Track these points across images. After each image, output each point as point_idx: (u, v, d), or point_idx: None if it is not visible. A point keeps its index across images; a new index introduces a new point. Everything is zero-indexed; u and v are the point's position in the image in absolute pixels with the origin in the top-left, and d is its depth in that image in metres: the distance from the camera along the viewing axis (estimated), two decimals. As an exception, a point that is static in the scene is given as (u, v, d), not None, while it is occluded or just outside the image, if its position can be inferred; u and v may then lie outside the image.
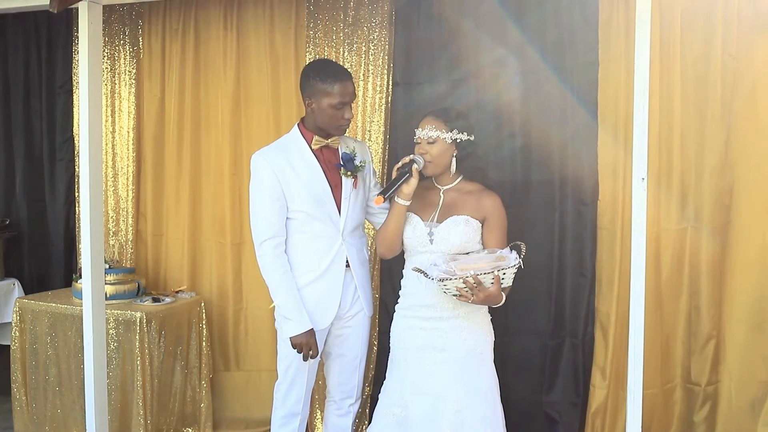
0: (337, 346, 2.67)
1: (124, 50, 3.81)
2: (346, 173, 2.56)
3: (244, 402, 3.73)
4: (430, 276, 2.24)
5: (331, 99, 2.47)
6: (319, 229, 2.53)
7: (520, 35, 3.08)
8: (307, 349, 2.49)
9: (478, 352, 2.41)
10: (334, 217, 2.55)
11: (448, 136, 2.39)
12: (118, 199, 3.86)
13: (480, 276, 2.21)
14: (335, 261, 2.55)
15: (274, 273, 2.51)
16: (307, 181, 2.52)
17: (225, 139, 3.67)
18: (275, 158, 2.52)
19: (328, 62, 2.73)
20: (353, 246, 2.60)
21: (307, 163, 2.54)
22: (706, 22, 2.85)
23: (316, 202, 2.52)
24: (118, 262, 3.78)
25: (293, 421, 2.64)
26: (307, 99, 2.53)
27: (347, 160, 2.56)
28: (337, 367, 2.69)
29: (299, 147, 2.56)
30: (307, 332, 2.49)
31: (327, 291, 2.56)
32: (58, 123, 3.99)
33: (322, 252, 2.54)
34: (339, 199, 2.55)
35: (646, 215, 2.34)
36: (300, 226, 2.53)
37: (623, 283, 2.85)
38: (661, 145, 2.93)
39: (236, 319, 3.71)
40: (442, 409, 2.36)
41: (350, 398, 2.71)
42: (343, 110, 2.49)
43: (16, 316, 3.48)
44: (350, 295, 2.61)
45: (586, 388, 3.13)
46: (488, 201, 2.41)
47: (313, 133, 2.56)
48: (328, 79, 2.47)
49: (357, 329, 2.65)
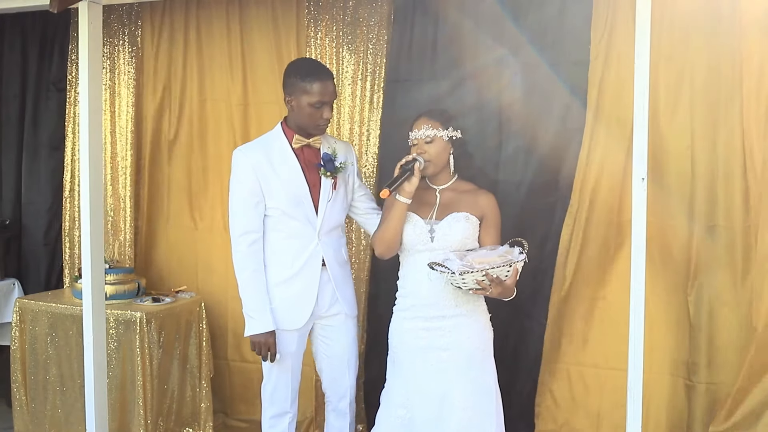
0: (323, 346, 2.68)
1: (124, 50, 3.81)
2: (326, 173, 2.56)
3: (244, 402, 3.74)
4: (450, 269, 2.23)
5: (310, 98, 2.47)
6: (294, 228, 2.54)
7: (518, 34, 3.08)
8: (265, 349, 2.52)
9: (481, 350, 2.42)
10: (310, 216, 2.55)
11: (444, 134, 2.41)
12: (118, 199, 3.86)
13: (498, 269, 2.23)
14: (310, 260, 2.55)
15: (245, 270, 2.52)
16: (285, 179, 2.52)
17: (225, 139, 3.67)
18: (254, 155, 2.53)
19: (309, 61, 2.74)
20: (330, 246, 2.59)
21: (287, 161, 2.55)
22: (706, 21, 2.85)
23: (292, 200, 2.52)
24: (118, 262, 3.78)
25: (282, 421, 2.65)
26: (287, 96, 2.54)
27: (327, 161, 2.56)
28: (327, 368, 2.70)
29: (280, 145, 2.57)
30: (266, 333, 2.51)
31: (302, 290, 2.56)
32: (52, 121, 3.98)
33: (297, 251, 2.55)
34: (317, 199, 2.56)
35: (646, 215, 2.34)
36: (276, 223, 2.54)
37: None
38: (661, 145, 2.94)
39: (236, 319, 3.71)
40: (448, 408, 2.37)
41: (344, 398, 2.71)
42: (322, 109, 2.49)
43: (16, 316, 3.48)
44: (328, 295, 2.60)
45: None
46: (485, 199, 2.44)
47: (294, 131, 2.57)
48: (307, 78, 2.47)
49: (340, 329, 2.65)
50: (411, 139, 2.45)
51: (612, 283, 3.06)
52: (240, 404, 3.75)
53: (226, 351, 3.75)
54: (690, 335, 2.98)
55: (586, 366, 3.15)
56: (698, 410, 2.97)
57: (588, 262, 3.08)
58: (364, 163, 3.37)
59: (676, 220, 2.95)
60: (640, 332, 2.36)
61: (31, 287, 4.00)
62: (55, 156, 3.99)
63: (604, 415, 3.12)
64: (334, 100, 2.54)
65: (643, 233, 2.33)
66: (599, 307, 3.11)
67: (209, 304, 3.65)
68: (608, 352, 3.07)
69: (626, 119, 2.95)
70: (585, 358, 3.15)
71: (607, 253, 3.07)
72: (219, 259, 3.73)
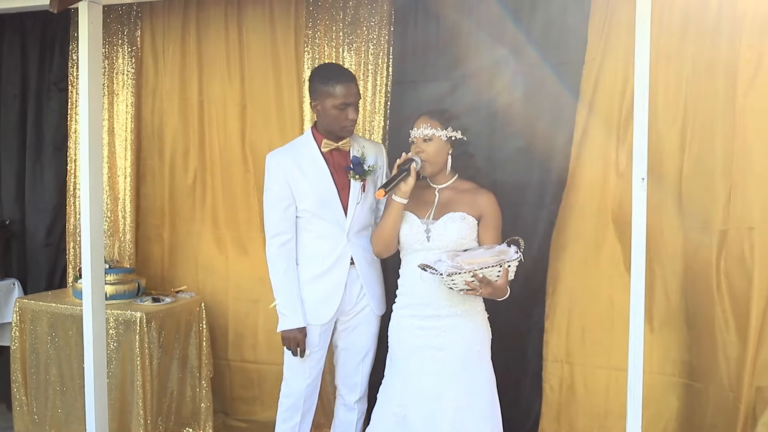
0: (342, 339, 2.74)
1: (123, 50, 3.81)
2: (354, 177, 2.62)
3: (244, 402, 3.73)
4: (438, 271, 2.25)
5: (334, 100, 2.54)
6: (324, 229, 2.62)
7: (519, 35, 3.08)
8: (294, 344, 2.59)
9: (476, 350, 2.43)
10: (340, 218, 2.61)
11: (443, 134, 2.43)
12: (117, 199, 3.86)
13: (487, 269, 2.24)
14: (339, 260, 2.63)
15: (277, 270, 2.62)
16: (314, 182, 2.59)
17: (225, 139, 3.67)
18: (284, 159, 2.62)
19: (331, 65, 2.82)
20: (359, 246, 2.66)
21: (316, 165, 2.62)
22: (706, 21, 2.85)
23: (321, 203, 2.59)
24: (118, 262, 3.77)
25: (295, 416, 2.70)
26: (313, 102, 2.62)
27: (356, 164, 2.62)
28: (342, 360, 2.77)
29: (309, 149, 2.64)
30: (297, 329, 2.59)
31: (330, 287, 2.63)
32: (54, 121, 3.98)
33: (327, 251, 2.63)
34: (346, 201, 2.62)
35: (646, 215, 2.34)
36: (306, 224, 2.63)
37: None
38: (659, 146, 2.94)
39: (236, 318, 3.71)
40: (442, 407, 2.38)
41: (354, 394, 2.77)
42: (347, 111, 2.56)
43: (16, 316, 3.48)
44: (356, 291, 2.67)
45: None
46: (484, 199, 2.45)
47: (323, 136, 2.64)
48: (329, 81, 2.54)
49: (362, 323, 2.71)
50: (411, 137, 2.48)
51: (611, 282, 3.06)
52: (240, 404, 3.75)
53: (226, 351, 3.75)
54: (688, 335, 2.98)
55: (587, 366, 3.14)
56: (698, 411, 2.97)
57: (582, 259, 3.09)
58: (365, 164, 3.37)
59: (673, 219, 2.96)
60: (640, 332, 2.35)
61: (35, 287, 3.99)
62: (57, 156, 3.99)
63: (605, 415, 3.12)
64: (358, 101, 2.61)
65: (643, 233, 2.33)
66: (599, 307, 3.11)
67: (209, 304, 3.66)
68: (608, 351, 3.07)
69: (621, 119, 2.97)
70: (586, 357, 3.14)
71: (601, 251, 3.07)
72: (219, 259, 3.73)
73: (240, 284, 3.70)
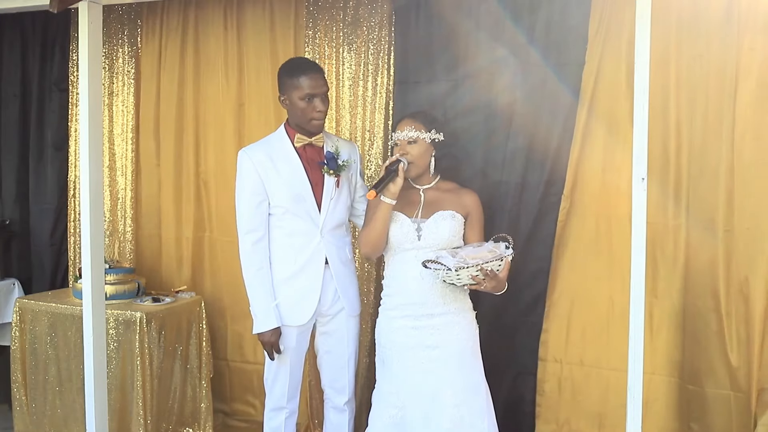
0: (323, 343, 2.72)
1: (122, 50, 3.81)
2: (329, 171, 2.59)
3: (244, 402, 3.73)
4: (446, 266, 2.26)
5: (300, 92, 2.51)
6: (297, 226, 2.58)
7: (519, 35, 3.08)
8: (269, 347, 2.56)
9: (469, 346, 2.46)
10: (313, 214, 2.58)
11: (427, 136, 2.46)
12: (117, 199, 3.86)
13: (492, 263, 2.27)
14: (313, 257, 2.59)
15: (250, 268, 2.58)
16: (287, 177, 2.56)
17: (225, 139, 3.67)
18: (257, 154, 2.58)
19: (297, 59, 2.78)
20: (333, 244, 2.62)
21: (289, 160, 2.59)
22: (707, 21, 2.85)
23: (295, 198, 2.56)
24: (118, 262, 3.77)
25: (279, 415, 2.68)
26: (281, 96, 2.59)
27: (330, 158, 2.60)
28: (326, 365, 2.74)
29: (283, 144, 2.61)
30: (270, 330, 2.55)
31: (306, 287, 2.60)
32: (55, 122, 3.98)
33: (299, 248, 2.59)
34: (320, 197, 2.59)
35: (646, 215, 2.34)
36: (278, 221, 2.59)
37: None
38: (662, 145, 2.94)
39: (236, 319, 3.71)
40: (440, 406, 2.39)
41: (343, 396, 2.74)
42: (314, 102, 2.52)
43: (16, 316, 3.48)
44: (331, 292, 2.64)
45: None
46: (469, 198, 2.50)
47: (295, 131, 2.61)
48: (294, 73, 2.52)
49: (341, 327, 2.68)
50: (394, 139, 2.51)
51: (610, 282, 3.06)
52: (240, 404, 3.75)
53: (226, 351, 3.75)
54: (688, 336, 2.98)
55: (587, 366, 3.14)
56: (698, 412, 2.97)
57: (582, 259, 3.09)
58: (367, 164, 3.37)
59: (673, 220, 2.95)
60: (640, 332, 2.35)
61: (40, 288, 3.99)
62: (59, 156, 3.99)
63: (604, 416, 3.12)
64: (324, 92, 2.56)
65: (643, 233, 2.33)
66: (599, 307, 3.11)
67: (209, 304, 3.65)
68: (608, 352, 3.07)
69: (621, 119, 2.97)
70: (585, 358, 3.14)
71: (601, 252, 3.07)
72: (219, 259, 3.73)
73: (239, 284, 3.64)
